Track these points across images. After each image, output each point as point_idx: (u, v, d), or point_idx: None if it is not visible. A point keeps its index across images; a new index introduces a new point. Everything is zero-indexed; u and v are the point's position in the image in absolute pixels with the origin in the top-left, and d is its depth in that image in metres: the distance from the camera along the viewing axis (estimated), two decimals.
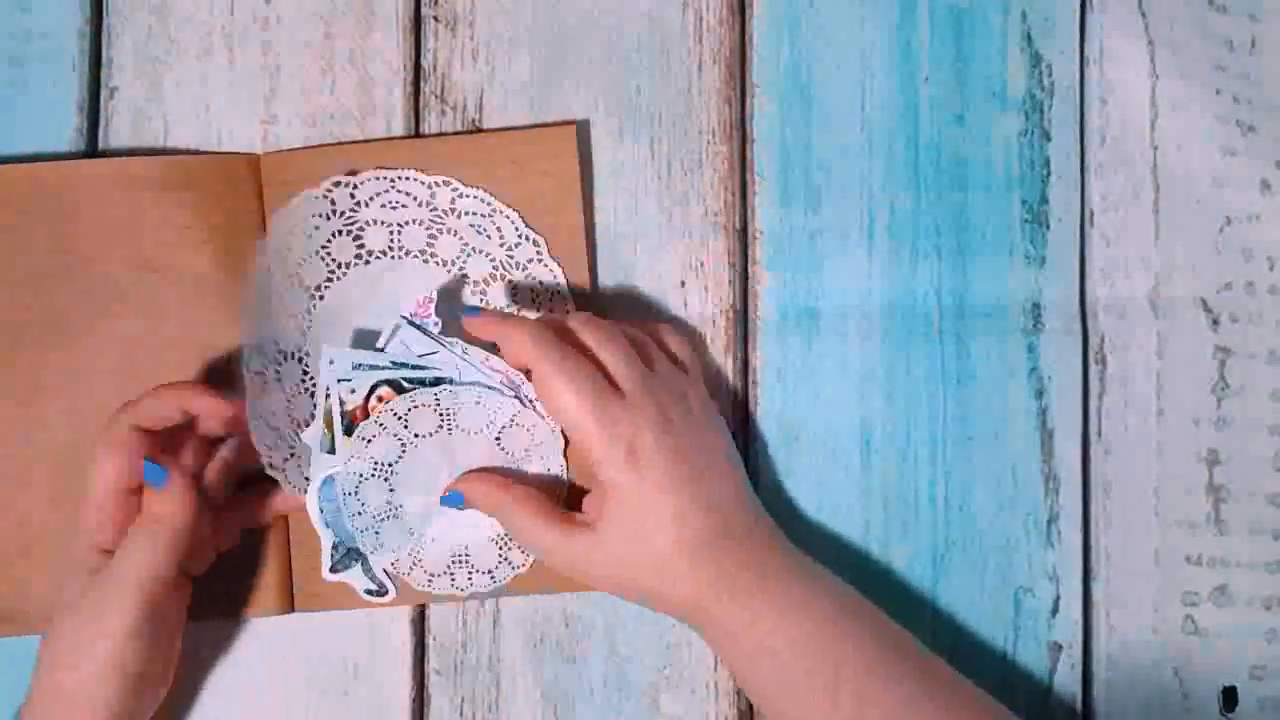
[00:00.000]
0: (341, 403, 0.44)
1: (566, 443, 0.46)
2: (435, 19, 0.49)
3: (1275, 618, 0.48)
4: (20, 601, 0.46)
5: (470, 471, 0.45)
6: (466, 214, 0.47)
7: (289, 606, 0.47)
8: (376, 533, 0.45)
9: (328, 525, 0.45)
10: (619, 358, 0.43)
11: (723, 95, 0.49)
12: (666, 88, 0.49)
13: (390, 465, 0.45)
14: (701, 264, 0.49)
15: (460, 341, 0.45)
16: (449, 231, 0.47)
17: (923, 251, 0.49)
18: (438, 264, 0.47)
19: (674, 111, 0.49)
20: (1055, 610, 0.48)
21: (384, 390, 0.44)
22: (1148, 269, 0.49)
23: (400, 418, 0.44)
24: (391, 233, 0.47)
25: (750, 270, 0.49)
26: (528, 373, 0.44)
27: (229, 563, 0.46)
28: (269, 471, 0.45)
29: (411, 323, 0.45)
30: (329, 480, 0.45)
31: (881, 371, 0.49)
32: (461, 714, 0.48)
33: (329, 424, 0.44)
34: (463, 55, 0.49)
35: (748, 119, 0.49)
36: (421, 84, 0.49)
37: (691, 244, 0.49)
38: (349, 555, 0.46)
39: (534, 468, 0.46)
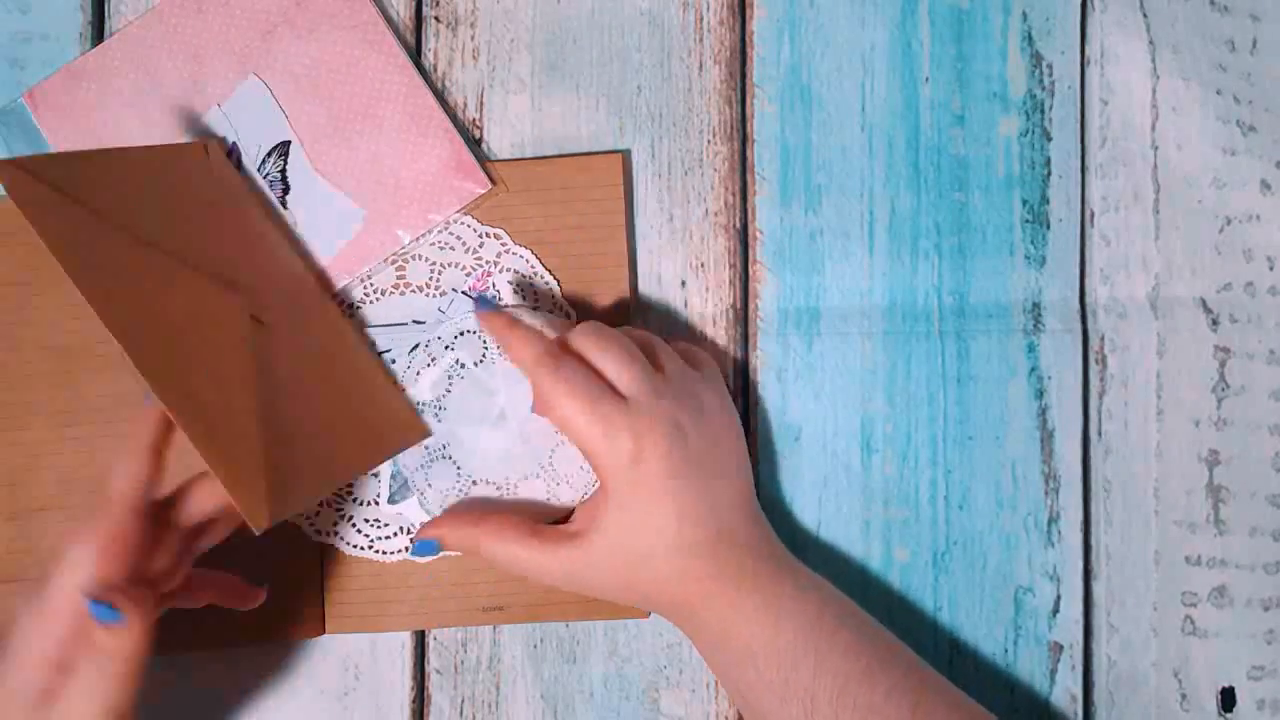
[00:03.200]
0: None
1: None
2: (436, 19, 0.49)
3: (1274, 618, 0.48)
4: None
5: (440, 517, 0.44)
6: (508, 270, 0.48)
7: (321, 630, 0.47)
8: (426, 475, 0.46)
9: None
10: (622, 363, 0.42)
11: (723, 95, 0.49)
12: (667, 88, 0.49)
13: (439, 400, 0.45)
14: (702, 264, 0.49)
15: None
16: (482, 277, 0.48)
17: (923, 251, 0.49)
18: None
19: (674, 112, 0.49)
20: (1055, 610, 0.48)
21: (420, 353, 0.47)
22: (1148, 269, 0.49)
23: (448, 345, 0.45)
24: (433, 270, 0.48)
25: (751, 270, 0.49)
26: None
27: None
28: (315, 538, 0.47)
29: (467, 295, 0.46)
30: None
31: (882, 371, 0.49)
32: (461, 714, 0.48)
33: None
34: (463, 55, 0.50)
35: (748, 119, 0.49)
36: None
37: (692, 244, 0.49)
38: (406, 487, 0.46)
39: None
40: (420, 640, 0.48)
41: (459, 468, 0.46)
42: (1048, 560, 0.48)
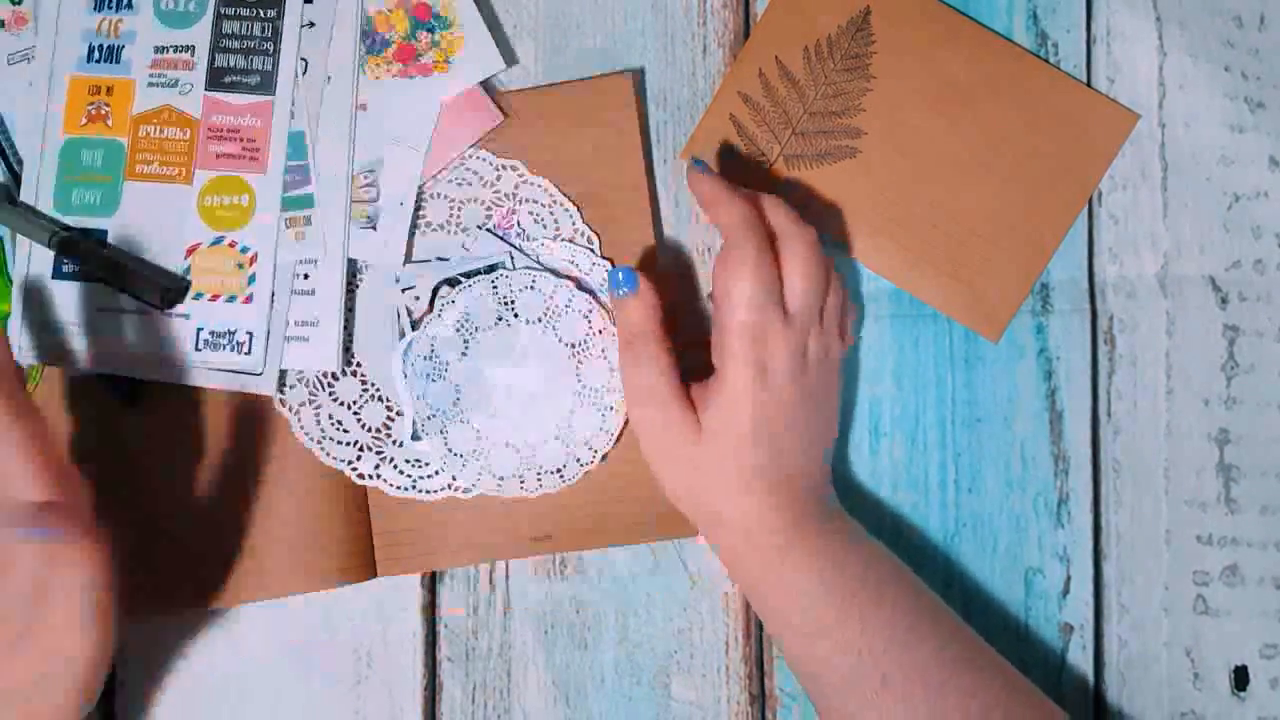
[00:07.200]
0: (409, 311, 0.47)
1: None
2: None
3: None
4: None
5: (643, 307, 0.44)
6: (527, 200, 0.47)
7: (372, 573, 0.47)
8: (425, 390, 0.47)
9: (410, 391, 0.47)
10: (808, 282, 0.42)
11: None
12: (671, 72, 0.49)
13: (463, 335, 0.47)
14: (709, 249, 0.49)
15: (530, 253, 0.47)
16: (507, 214, 0.48)
17: None
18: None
19: (679, 96, 0.49)
20: (1066, 591, 0.48)
21: (445, 290, 0.47)
22: (1156, 248, 0.49)
23: (476, 282, 0.46)
24: (452, 208, 0.48)
25: None
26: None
27: (307, 537, 0.47)
28: (358, 481, 0.47)
29: (491, 231, 0.47)
30: (412, 345, 0.47)
31: (889, 354, 0.49)
32: (473, 701, 0.48)
33: (402, 334, 0.47)
34: None
35: None
36: None
37: (698, 229, 0.49)
38: (430, 422, 0.47)
39: (592, 356, 0.47)
40: (431, 628, 0.48)
41: (459, 393, 0.46)
42: (1058, 541, 0.48)
